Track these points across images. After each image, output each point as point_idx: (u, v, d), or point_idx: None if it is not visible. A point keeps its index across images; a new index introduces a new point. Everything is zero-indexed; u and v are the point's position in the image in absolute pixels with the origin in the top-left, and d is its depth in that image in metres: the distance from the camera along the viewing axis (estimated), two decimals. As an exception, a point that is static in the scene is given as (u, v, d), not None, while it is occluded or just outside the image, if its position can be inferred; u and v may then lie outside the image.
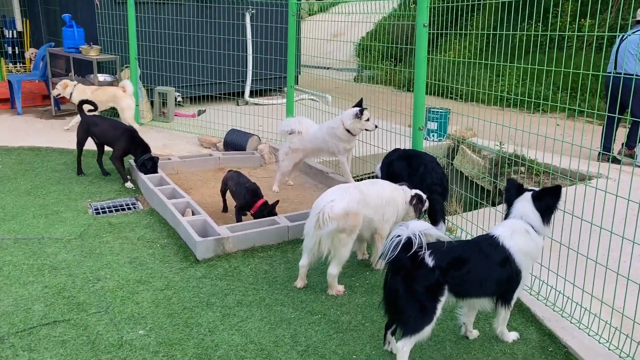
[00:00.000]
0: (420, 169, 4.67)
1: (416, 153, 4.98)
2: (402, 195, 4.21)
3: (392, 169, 4.87)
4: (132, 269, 4.25)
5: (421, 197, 4.24)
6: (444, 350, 3.32)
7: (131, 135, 6.18)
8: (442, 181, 4.64)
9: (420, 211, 4.27)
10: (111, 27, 8.79)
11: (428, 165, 4.68)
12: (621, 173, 3.31)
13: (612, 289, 3.41)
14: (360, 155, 6.42)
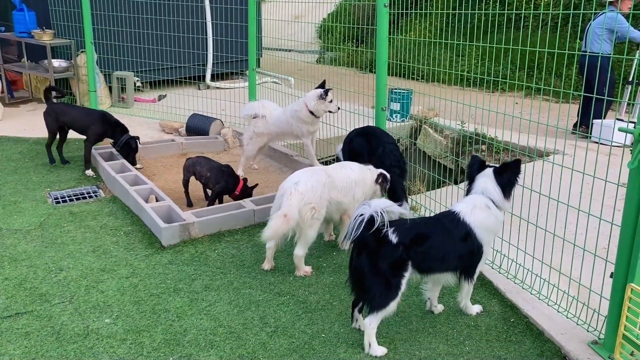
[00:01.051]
0: (379, 150, 4.76)
1: (376, 133, 5.05)
2: (370, 176, 4.26)
3: (353, 145, 4.98)
4: (96, 258, 4.18)
5: (386, 176, 4.30)
6: (410, 325, 3.40)
7: (105, 118, 6.03)
8: (399, 162, 4.77)
9: (386, 189, 4.33)
10: (65, 10, 8.49)
11: (387, 147, 4.79)
12: (576, 149, 3.42)
13: (569, 260, 3.54)
14: (325, 138, 6.43)
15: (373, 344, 3.09)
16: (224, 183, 5.03)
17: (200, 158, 5.25)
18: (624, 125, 2.89)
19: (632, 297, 2.76)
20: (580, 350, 3.04)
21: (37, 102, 8.91)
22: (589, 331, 3.18)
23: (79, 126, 6.08)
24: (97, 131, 6.00)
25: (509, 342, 3.22)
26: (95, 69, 8.30)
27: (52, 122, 6.05)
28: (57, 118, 6.02)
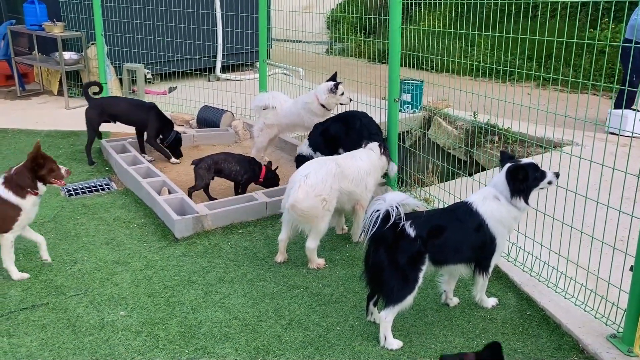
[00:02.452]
0: (357, 124, 4.91)
1: (349, 113, 5.21)
2: (375, 157, 4.25)
3: (329, 133, 5.11)
4: (110, 250, 4.19)
5: (384, 144, 4.35)
6: (426, 318, 3.38)
7: (158, 110, 6.03)
8: (378, 130, 4.95)
9: (389, 156, 4.39)
10: (75, 3, 8.48)
11: (364, 120, 4.95)
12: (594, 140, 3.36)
13: (587, 253, 3.50)
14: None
15: (389, 337, 3.08)
16: (252, 172, 5.07)
17: (219, 155, 5.12)
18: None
19: (652, 290, 2.72)
20: (598, 344, 3.01)
21: (48, 95, 8.94)
22: (607, 325, 3.15)
23: (131, 118, 6.02)
24: (156, 125, 5.98)
25: (526, 336, 3.20)
26: (106, 61, 8.30)
27: (96, 118, 5.94)
28: (103, 112, 5.93)
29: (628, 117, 6.65)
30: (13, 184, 3.60)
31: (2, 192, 3.58)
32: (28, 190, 3.63)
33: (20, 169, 3.63)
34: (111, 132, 6.99)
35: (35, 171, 3.62)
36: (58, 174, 3.75)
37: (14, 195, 3.59)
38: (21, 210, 3.64)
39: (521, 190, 3.15)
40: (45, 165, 3.65)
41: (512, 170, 3.17)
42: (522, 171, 3.14)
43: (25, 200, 3.63)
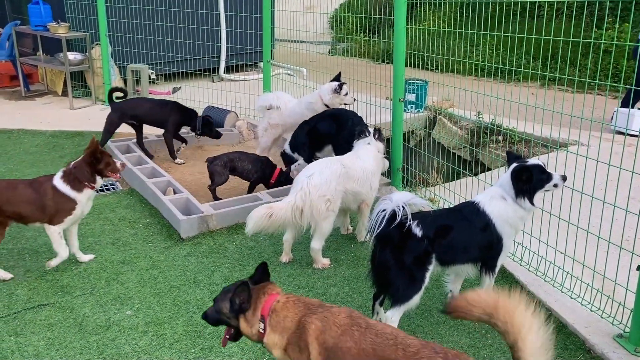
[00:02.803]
0: (349, 123, 5.03)
1: (338, 111, 5.33)
2: (380, 156, 4.27)
3: (318, 131, 5.25)
4: (115, 250, 4.20)
5: (379, 130, 4.38)
6: (432, 318, 3.38)
7: (180, 106, 6.07)
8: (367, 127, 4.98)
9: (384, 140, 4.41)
10: (79, 3, 8.50)
11: (355, 119, 5.09)
12: (601, 140, 3.36)
13: (593, 253, 3.49)
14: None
15: (395, 337, 3.07)
16: (262, 173, 5.09)
17: (234, 154, 5.14)
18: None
19: (659, 290, 2.72)
20: (604, 343, 3.01)
21: (52, 95, 8.96)
22: (614, 324, 3.14)
23: (155, 119, 6.03)
24: (177, 120, 6.02)
25: (532, 335, 3.19)
26: (110, 62, 8.33)
27: (116, 121, 5.95)
28: (124, 114, 5.94)
29: (635, 115, 6.63)
30: (71, 178, 3.74)
31: (60, 185, 3.71)
32: (85, 184, 3.77)
33: (79, 163, 3.78)
34: (115, 132, 7.00)
35: (94, 165, 3.77)
36: (114, 167, 3.89)
37: (71, 189, 3.73)
38: (76, 204, 3.76)
39: (525, 191, 3.15)
40: (102, 159, 3.80)
41: (517, 171, 3.16)
42: (526, 172, 3.13)
43: (82, 194, 3.77)
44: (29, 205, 3.67)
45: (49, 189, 3.70)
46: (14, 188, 3.70)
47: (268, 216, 3.70)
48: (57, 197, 3.70)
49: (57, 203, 3.70)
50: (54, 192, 3.70)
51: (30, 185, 3.73)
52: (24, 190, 3.69)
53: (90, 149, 3.78)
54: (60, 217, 3.74)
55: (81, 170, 3.75)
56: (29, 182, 3.77)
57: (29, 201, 3.67)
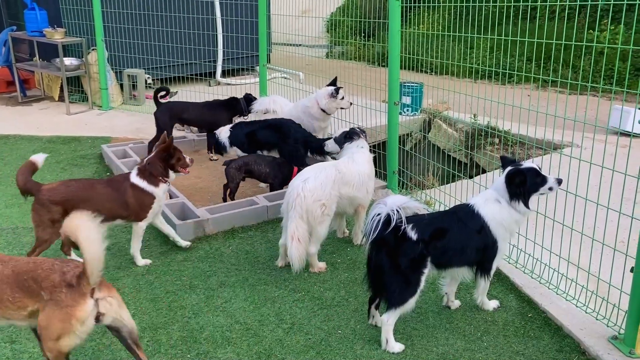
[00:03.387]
0: (292, 132, 5.32)
1: (279, 122, 5.52)
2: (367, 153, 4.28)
3: (256, 138, 5.47)
4: (111, 256, 4.20)
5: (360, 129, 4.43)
6: (427, 321, 3.39)
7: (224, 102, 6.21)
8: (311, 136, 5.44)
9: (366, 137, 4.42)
10: (75, 9, 8.51)
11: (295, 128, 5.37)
12: (594, 141, 3.37)
13: (588, 255, 3.50)
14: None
15: (390, 340, 3.09)
16: (281, 174, 5.08)
17: (249, 158, 5.14)
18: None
19: (653, 291, 2.72)
20: (600, 345, 3.01)
21: (49, 101, 8.96)
22: (609, 326, 3.15)
23: (206, 121, 6.17)
24: (227, 117, 6.14)
25: (527, 338, 3.20)
26: (107, 67, 8.33)
27: (168, 122, 5.98)
28: (173, 116, 6.02)
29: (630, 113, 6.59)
30: (147, 174, 3.95)
31: (138, 181, 3.92)
32: (160, 179, 3.97)
33: (152, 159, 3.98)
34: (112, 137, 7.02)
35: (166, 160, 3.99)
36: (184, 162, 4.09)
37: (148, 184, 3.94)
38: (155, 197, 3.97)
39: (519, 194, 3.15)
40: (174, 155, 4.02)
41: (511, 175, 3.17)
42: (520, 176, 3.14)
43: (158, 188, 3.98)
44: (108, 203, 3.85)
45: (128, 186, 3.91)
46: (92, 187, 3.89)
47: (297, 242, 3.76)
48: (137, 194, 3.91)
49: (138, 199, 3.91)
50: (133, 189, 3.91)
51: (109, 184, 3.95)
52: (103, 190, 3.89)
53: (163, 144, 3.99)
54: (144, 213, 3.97)
55: (155, 165, 3.96)
56: (106, 182, 4.01)
57: (109, 199, 3.87)
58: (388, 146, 5.35)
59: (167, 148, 3.98)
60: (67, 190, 3.81)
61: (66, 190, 3.81)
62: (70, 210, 3.59)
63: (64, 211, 3.70)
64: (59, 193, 3.77)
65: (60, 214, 3.73)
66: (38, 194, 3.75)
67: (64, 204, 3.75)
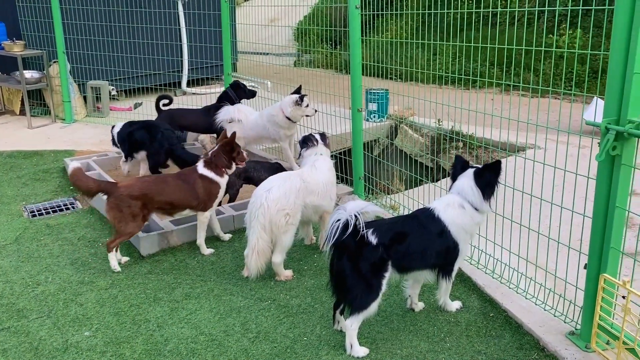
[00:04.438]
0: (159, 135, 5.60)
1: (152, 123, 5.89)
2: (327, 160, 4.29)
3: (134, 137, 5.71)
4: (74, 271, 4.13)
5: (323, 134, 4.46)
6: (392, 324, 3.42)
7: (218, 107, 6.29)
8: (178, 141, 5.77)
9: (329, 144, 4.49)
10: (35, 21, 8.37)
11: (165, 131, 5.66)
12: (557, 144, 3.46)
13: (546, 254, 3.59)
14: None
15: (355, 345, 3.10)
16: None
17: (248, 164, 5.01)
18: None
19: (605, 287, 2.81)
20: (558, 341, 3.09)
21: (9, 115, 8.78)
22: (566, 322, 3.23)
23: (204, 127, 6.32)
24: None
25: (489, 337, 3.26)
26: (69, 79, 8.22)
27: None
28: (173, 123, 6.16)
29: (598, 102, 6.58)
30: (212, 165, 4.33)
31: (205, 172, 4.30)
32: (223, 170, 4.36)
33: (216, 152, 4.36)
34: (75, 151, 6.91)
35: (229, 153, 4.37)
36: (242, 156, 4.47)
37: (215, 174, 4.32)
38: (220, 187, 4.36)
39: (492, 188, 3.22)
40: (235, 149, 4.40)
41: (480, 172, 3.23)
42: (487, 171, 3.21)
43: (223, 178, 4.37)
44: (180, 194, 4.20)
45: (197, 177, 4.27)
46: (164, 181, 4.29)
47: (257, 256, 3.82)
48: (206, 183, 4.27)
49: (206, 188, 4.28)
50: (202, 180, 4.26)
51: (179, 177, 4.33)
52: (174, 182, 4.26)
53: (225, 139, 4.38)
54: (211, 202, 4.34)
55: (219, 157, 4.34)
56: (176, 175, 4.40)
57: (181, 190, 4.21)
58: (353, 152, 5.40)
59: (230, 142, 4.36)
60: (143, 185, 4.18)
61: (142, 185, 4.17)
62: (148, 204, 4.14)
63: (143, 205, 4.09)
64: (136, 188, 4.10)
65: (139, 207, 4.08)
66: (116, 191, 4.06)
67: (142, 197, 4.09)
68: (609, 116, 2.66)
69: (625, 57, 2.57)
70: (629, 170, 2.69)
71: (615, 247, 2.80)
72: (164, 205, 4.21)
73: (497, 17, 4.79)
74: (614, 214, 2.75)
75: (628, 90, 2.58)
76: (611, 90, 2.65)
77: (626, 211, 2.76)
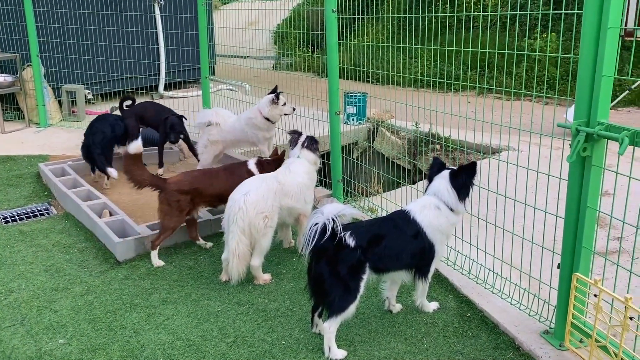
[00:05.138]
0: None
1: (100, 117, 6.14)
2: (311, 167, 4.27)
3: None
4: (49, 277, 4.06)
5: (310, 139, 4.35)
6: (370, 326, 3.43)
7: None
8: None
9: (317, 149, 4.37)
10: (7, 24, 8.23)
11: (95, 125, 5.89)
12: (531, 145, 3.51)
13: (520, 254, 3.63)
14: (282, 144, 6.42)
15: (333, 348, 3.11)
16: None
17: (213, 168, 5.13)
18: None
19: (577, 285, 2.86)
20: (532, 340, 3.13)
21: (-18, 119, 8.60)
22: (541, 321, 3.28)
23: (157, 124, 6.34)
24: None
25: (466, 337, 3.29)
26: (43, 83, 8.09)
27: (136, 125, 6.31)
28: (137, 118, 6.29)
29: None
30: (261, 166, 4.50)
31: (253, 168, 4.48)
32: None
33: (271, 161, 4.58)
34: (50, 155, 6.81)
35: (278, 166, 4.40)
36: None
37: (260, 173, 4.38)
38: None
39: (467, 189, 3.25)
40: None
41: (454, 174, 3.26)
42: (462, 172, 3.24)
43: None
44: (231, 186, 4.07)
45: (245, 172, 4.41)
46: (212, 175, 4.42)
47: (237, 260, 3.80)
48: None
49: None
50: (249, 175, 4.32)
51: (227, 170, 4.52)
52: (223, 174, 4.40)
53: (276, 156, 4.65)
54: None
55: (271, 165, 4.48)
56: (224, 168, 4.59)
57: (230, 183, 4.15)
58: (332, 155, 5.41)
59: (279, 159, 4.58)
60: (193, 179, 4.28)
61: (192, 179, 4.27)
62: (197, 198, 4.24)
63: (191, 199, 4.21)
64: (186, 183, 4.21)
65: (188, 202, 4.20)
66: (167, 187, 4.16)
67: (192, 192, 4.20)
68: (579, 118, 2.72)
69: (594, 60, 2.62)
70: (599, 171, 2.75)
71: (587, 246, 2.85)
72: (212, 198, 4.34)
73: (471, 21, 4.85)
74: (586, 214, 2.80)
75: (597, 92, 2.63)
76: (581, 92, 2.70)
77: (597, 211, 2.81)
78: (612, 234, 4.34)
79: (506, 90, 3.95)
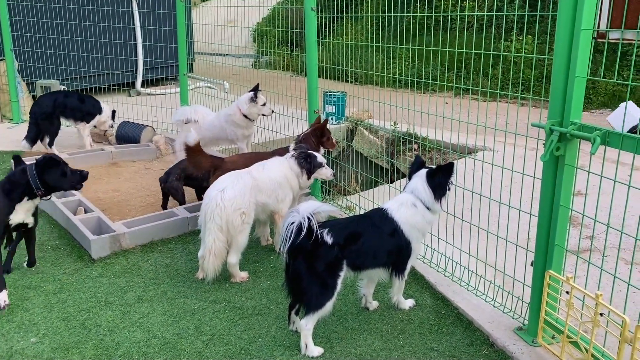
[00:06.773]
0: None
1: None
2: (291, 172, 4.20)
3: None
4: (21, 275, 3.99)
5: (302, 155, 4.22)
6: (346, 324, 3.44)
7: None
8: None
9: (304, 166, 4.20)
10: (-20, 17, 8.05)
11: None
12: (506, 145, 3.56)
13: (495, 252, 3.68)
14: (261, 142, 6.41)
15: (309, 345, 3.11)
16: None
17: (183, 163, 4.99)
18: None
19: (550, 283, 2.91)
20: (506, 337, 3.18)
21: (-47, 114, 8.39)
22: (514, 318, 3.33)
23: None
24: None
25: (441, 334, 3.32)
26: (17, 78, 7.94)
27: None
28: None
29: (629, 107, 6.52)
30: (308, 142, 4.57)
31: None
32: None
33: (307, 134, 4.64)
34: (24, 151, 6.67)
35: (319, 137, 4.65)
36: (332, 142, 4.81)
37: None
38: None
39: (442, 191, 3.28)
40: (325, 134, 4.71)
41: (432, 173, 3.29)
42: (439, 172, 3.27)
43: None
44: None
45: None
46: (261, 157, 4.44)
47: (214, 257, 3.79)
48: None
49: None
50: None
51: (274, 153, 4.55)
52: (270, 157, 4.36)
53: (318, 124, 4.71)
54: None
55: (308, 140, 4.58)
56: (271, 153, 4.64)
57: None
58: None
59: (321, 127, 4.68)
60: (245, 160, 4.47)
61: (244, 160, 4.46)
62: None
63: None
64: (239, 164, 4.37)
65: None
66: (224, 165, 4.40)
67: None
68: (553, 118, 2.76)
69: (567, 61, 2.67)
70: (572, 170, 2.80)
71: (559, 244, 2.91)
72: None
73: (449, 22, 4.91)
74: (559, 213, 2.85)
75: (570, 93, 2.68)
76: (555, 93, 2.75)
77: (570, 210, 2.86)
78: (584, 232, 4.43)
79: (483, 90, 4.01)
